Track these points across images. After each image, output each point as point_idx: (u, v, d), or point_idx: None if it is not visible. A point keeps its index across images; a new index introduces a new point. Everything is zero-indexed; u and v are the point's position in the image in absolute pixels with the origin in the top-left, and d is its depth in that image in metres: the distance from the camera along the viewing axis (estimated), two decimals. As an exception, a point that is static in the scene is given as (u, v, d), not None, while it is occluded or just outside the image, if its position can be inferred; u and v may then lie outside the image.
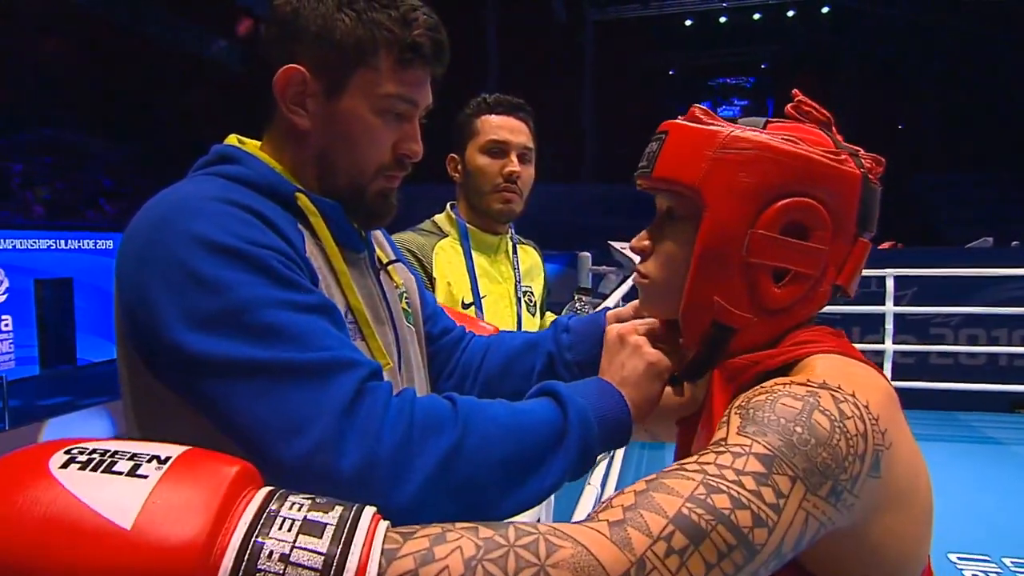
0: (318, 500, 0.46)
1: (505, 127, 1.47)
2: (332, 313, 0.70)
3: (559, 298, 1.95)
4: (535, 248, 1.71)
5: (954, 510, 3.04)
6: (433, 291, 1.45)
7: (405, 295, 0.97)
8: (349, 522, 0.44)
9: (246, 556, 0.41)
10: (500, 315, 1.51)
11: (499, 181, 1.45)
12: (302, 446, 0.59)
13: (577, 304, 1.67)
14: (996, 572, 2.64)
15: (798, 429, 0.57)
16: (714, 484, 0.53)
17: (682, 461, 0.57)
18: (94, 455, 0.43)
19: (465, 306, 1.46)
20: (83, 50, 15.09)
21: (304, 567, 0.41)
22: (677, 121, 0.75)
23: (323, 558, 0.41)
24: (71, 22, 15.06)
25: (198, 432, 0.58)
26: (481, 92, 1.57)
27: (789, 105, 0.76)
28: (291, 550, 0.41)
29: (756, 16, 17.40)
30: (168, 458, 0.44)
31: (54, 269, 9.84)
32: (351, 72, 0.78)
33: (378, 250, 0.95)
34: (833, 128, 0.75)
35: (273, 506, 0.44)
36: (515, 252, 1.59)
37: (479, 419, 0.67)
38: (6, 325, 9.01)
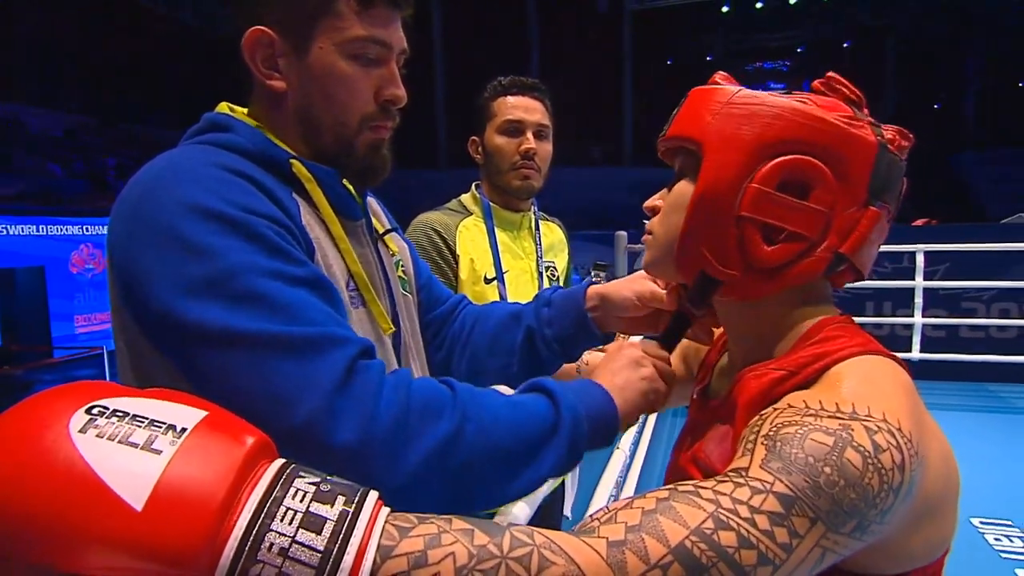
0: (323, 487, 0.44)
1: (520, 106, 1.45)
2: (323, 289, 0.65)
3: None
4: (559, 225, 1.69)
5: (979, 477, 2.96)
6: (457, 268, 1.43)
7: (401, 263, 0.91)
8: (349, 517, 0.42)
9: (247, 547, 0.39)
10: (522, 289, 1.50)
11: (516, 159, 1.44)
12: (292, 418, 0.56)
13: (594, 279, 1.64)
14: (1019, 536, 2.57)
15: (827, 470, 0.51)
16: (724, 519, 0.48)
17: (698, 483, 0.52)
18: (113, 418, 0.41)
19: (487, 281, 1.45)
20: (170, 53, 15.43)
21: (301, 563, 0.40)
22: (699, 87, 0.71)
23: (319, 556, 0.40)
24: (159, 25, 15.39)
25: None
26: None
27: (817, 81, 0.69)
28: (290, 544, 0.40)
29: (792, 1, 16.76)
30: (184, 429, 0.42)
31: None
32: (315, 23, 0.72)
33: (374, 219, 0.89)
34: (864, 109, 0.68)
35: (278, 493, 0.42)
36: (538, 228, 1.57)
37: (477, 408, 0.63)
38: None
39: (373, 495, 0.45)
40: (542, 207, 1.66)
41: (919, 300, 4.56)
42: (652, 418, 3.06)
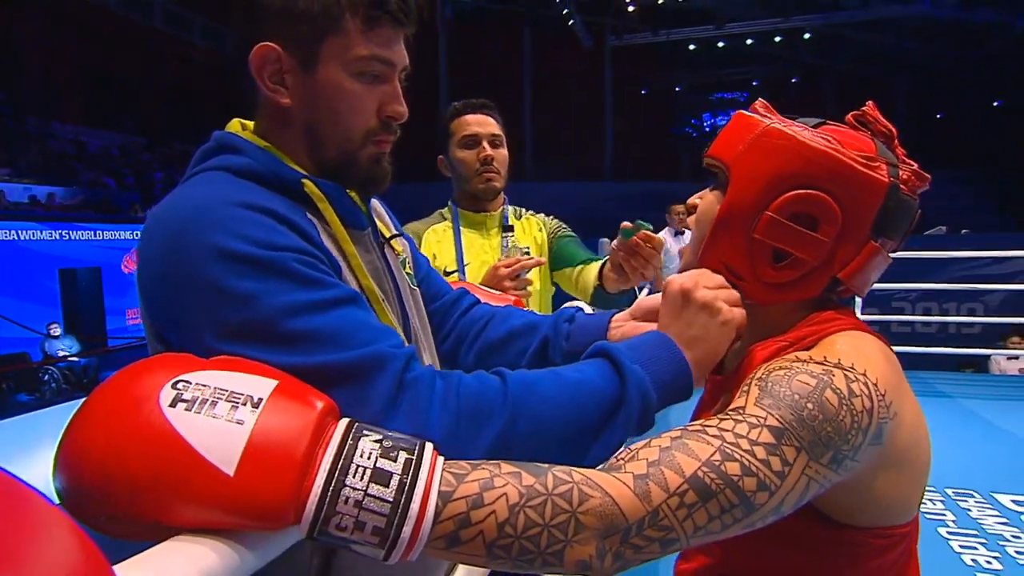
0: (385, 443, 0.43)
1: (474, 122, 1.47)
2: (358, 300, 0.61)
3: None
4: (542, 221, 1.61)
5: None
6: None
7: (407, 261, 0.85)
8: (412, 470, 0.42)
9: (326, 502, 0.40)
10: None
11: (478, 166, 1.46)
12: None
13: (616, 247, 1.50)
14: (940, 499, 2.60)
15: (809, 405, 0.53)
16: (729, 452, 0.50)
17: (705, 422, 0.53)
18: (197, 392, 0.41)
19: (448, 273, 1.44)
20: (212, 81, 15.36)
21: (374, 512, 0.40)
22: (742, 111, 0.69)
23: (389, 505, 0.40)
24: (201, 56, 15.32)
25: None
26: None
27: (850, 114, 0.68)
28: (363, 497, 0.40)
29: (748, 41, 16.85)
30: (260, 400, 0.41)
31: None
32: (321, 41, 0.65)
33: (379, 223, 0.82)
34: (895, 141, 0.66)
35: (348, 451, 0.42)
36: (508, 226, 1.54)
37: (530, 399, 0.56)
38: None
39: (429, 447, 0.45)
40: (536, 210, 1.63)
41: (859, 300, 4.61)
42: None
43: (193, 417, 0.39)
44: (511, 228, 1.53)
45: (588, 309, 1.32)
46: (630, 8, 15.44)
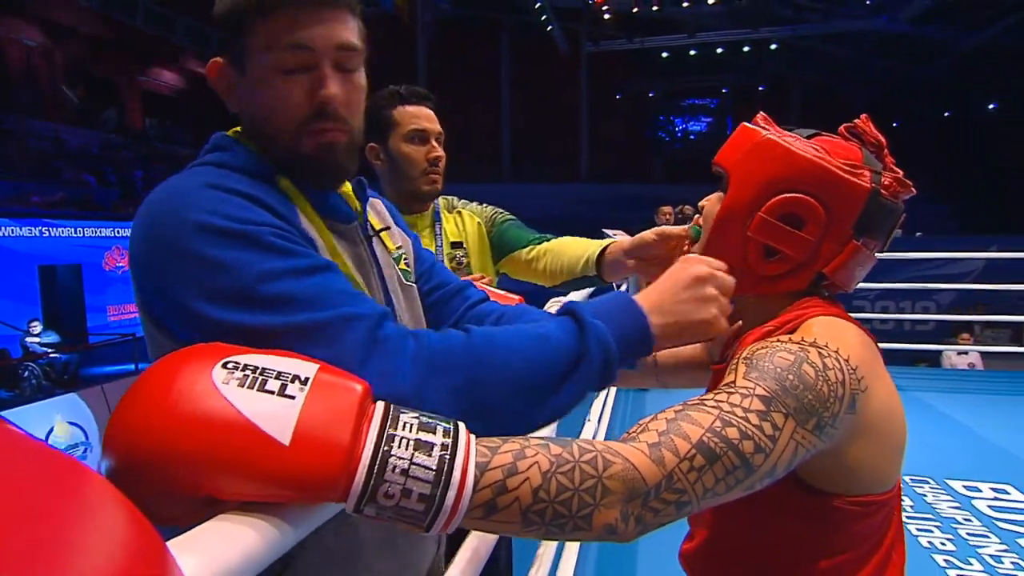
0: (423, 419, 0.45)
1: (423, 116, 1.30)
2: (333, 268, 0.61)
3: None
4: (474, 211, 1.49)
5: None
6: None
7: (404, 256, 0.83)
8: (451, 443, 0.44)
9: (375, 470, 0.41)
10: None
11: (425, 166, 1.30)
12: None
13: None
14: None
15: (790, 377, 0.58)
16: (727, 418, 0.54)
17: (702, 397, 0.58)
18: (247, 371, 0.42)
19: None
20: (195, 84, 15.06)
21: (419, 480, 0.41)
22: (746, 123, 0.75)
23: (433, 473, 0.42)
24: (183, 59, 15.02)
25: None
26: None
27: (843, 126, 0.74)
28: (409, 466, 0.42)
29: (719, 51, 17.04)
30: (307, 379, 0.43)
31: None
32: (241, 43, 0.65)
33: (372, 217, 0.80)
34: (884, 151, 0.72)
35: (391, 426, 0.43)
36: (438, 221, 1.42)
37: (493, 351, 0.57)
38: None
39: (462, 424, 0.47)
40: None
41: (818, 297, 4.71)
42: (611, 402, 3.10)
43: (247, 392, 0.40)
44: (439, 220, 1.40)
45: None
46: (606, 16, 15.51)
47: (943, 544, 2.27)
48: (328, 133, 0.67)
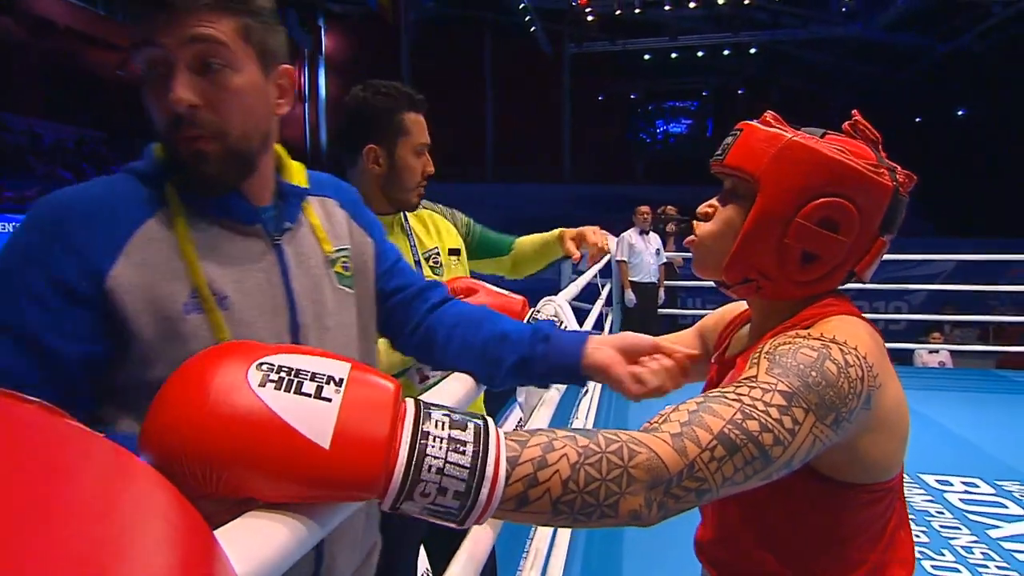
0: (454, 416, 0.45)
1: (424, 127, 1.28)
2: (14, 335, 0.58)
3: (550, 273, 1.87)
4: (441, 211, 1.50)
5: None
6: None
7: (343, 259, 0.78)
8: (483, 439, 0.44)
9: (412, 469, 0.41)
10: None
11: (421, 180, 1.29)
12: None
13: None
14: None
15: (813, 374, 0.59)
16: (748, 411, 0.55)
17: (723, 389, 0.59)
18: (281, 373, 0.41)
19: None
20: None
21: (455, 478, 0.42)
22: (751, 122, 0.73)
23: (467, 471, 0.42)
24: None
25: None
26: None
27: (847, 123, 0.73)
28: (444, 464, 0.42)
29: (699, 54, 17.20)
30: (342, 379, 0.43)
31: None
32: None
33: (316, 217, 0.77)
34: (880, 146, 0.73)
35: (423, 425, 0.44)
36: (407, 223, 1.38)
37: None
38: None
39: (491, 420, 0.47)
40: (483, 218, 1.57)
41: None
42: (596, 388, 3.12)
43: (285, 396, 0.40)
44: (408, 225, 1.39)
45: (569, 319, 1.25)
46: (589, 18, 15.55)
47: (917, 536, 2.31)
48: (194, 142, 0.63)
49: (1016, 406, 4.08)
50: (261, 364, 0.41)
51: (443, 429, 0.44)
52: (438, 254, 1.40)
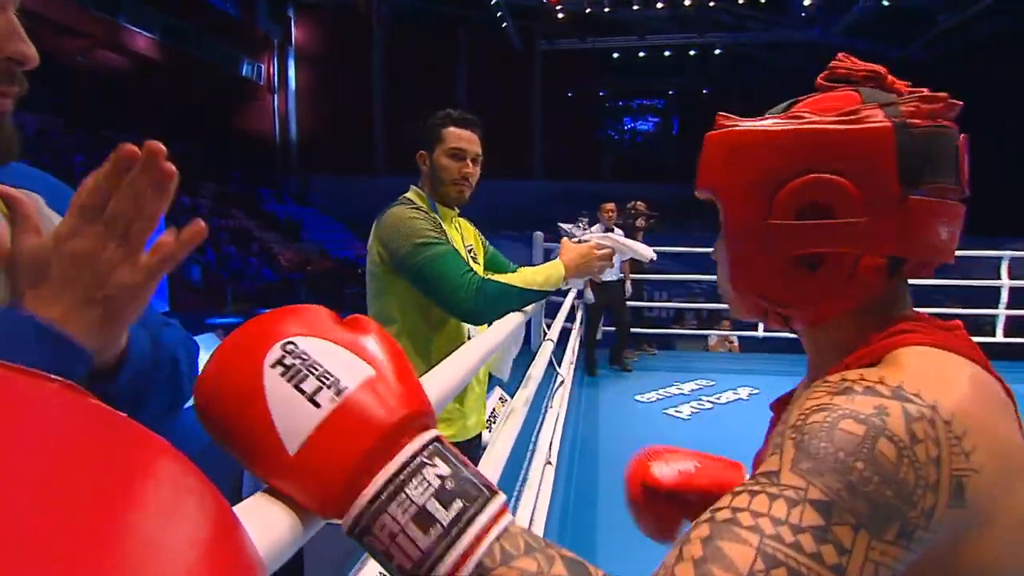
0: (447, 484, 0.38)
1: (464, 138, 1.58)
2: None
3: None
4: (471, 225, 1.85)
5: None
6: None
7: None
8: (459, 526, 0.37)
9: (364, 518, 0.37)
10: None
11: (457, 177, 1.59)
12: None
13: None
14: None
15: (859, 465, 0.39)
16: (771, 553, 0.37)
17: (734, 503, 0.40)
18: (296, 360, 0.38)
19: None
20: (136, 70, 14.29)
21: (404, 553, 0.36)
22: (710, 133, 0.57)
23: (421, 554, 0.36)
24: (123, 43, 14.23)
25: None
26: (453, 105, 1.65)
27: (820, 76, 0.57)
28: (399, 532, 0.36)
29: (666, 54, 17.42)
30: (344, 389, 0.38)
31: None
32: None
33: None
34: (887, 79, 0.55)
35: (405, 477, 0.37)
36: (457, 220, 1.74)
37: None
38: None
39: (495, 504, 0.38)
40: (463, 213, 1.77)
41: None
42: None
43: (283, 385, 0.38)
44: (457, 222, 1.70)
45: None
46: (560, 15, 15.57)
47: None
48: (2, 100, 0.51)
49: None
50: (288, 343, 0.39)
51: (422, 493, 0.37)
52: (472, 251, 1.73)
